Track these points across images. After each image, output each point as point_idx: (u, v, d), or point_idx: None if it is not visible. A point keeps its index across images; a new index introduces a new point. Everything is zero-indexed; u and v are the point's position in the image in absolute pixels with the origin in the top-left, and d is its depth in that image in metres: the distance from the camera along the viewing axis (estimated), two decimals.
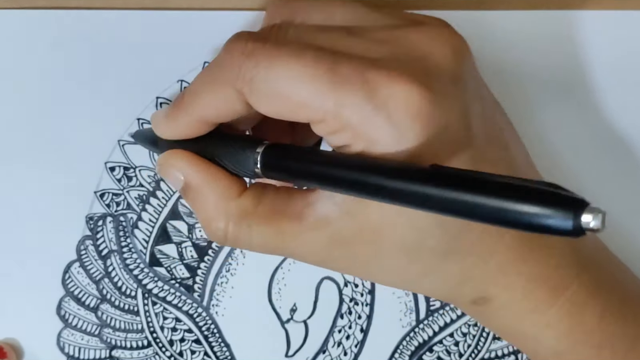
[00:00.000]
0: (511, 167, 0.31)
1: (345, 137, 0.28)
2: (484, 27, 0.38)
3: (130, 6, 0.37)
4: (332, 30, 0.29)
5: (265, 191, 0.31)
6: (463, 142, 0.28)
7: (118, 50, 0.37)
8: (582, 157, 0.39)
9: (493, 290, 0.31)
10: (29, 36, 0.37)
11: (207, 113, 0.30)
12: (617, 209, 0.38)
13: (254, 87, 0.28)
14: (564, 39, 0.38)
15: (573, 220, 0.22)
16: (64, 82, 0.37)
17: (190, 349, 0.39)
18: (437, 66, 0.28)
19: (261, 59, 0.28)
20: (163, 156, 0.32)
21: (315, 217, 0.29)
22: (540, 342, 0.32)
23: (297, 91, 0.27)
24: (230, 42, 0.29)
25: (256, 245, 0.31)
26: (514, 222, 0.23)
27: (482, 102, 0.30)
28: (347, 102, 0.27)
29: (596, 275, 0.32)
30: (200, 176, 0.31)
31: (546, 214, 0.23)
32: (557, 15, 0.38)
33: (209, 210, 0.31)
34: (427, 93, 0.27)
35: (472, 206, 0.24)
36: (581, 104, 0.38)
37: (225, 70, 0.29)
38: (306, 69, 0.27)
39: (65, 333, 0.38)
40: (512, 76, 0.38)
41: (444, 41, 0.29)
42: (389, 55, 0.28)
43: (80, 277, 0.38)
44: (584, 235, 0.22)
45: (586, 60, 0.38)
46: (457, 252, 0.29)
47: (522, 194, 0.23)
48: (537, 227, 0.23)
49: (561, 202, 0.23)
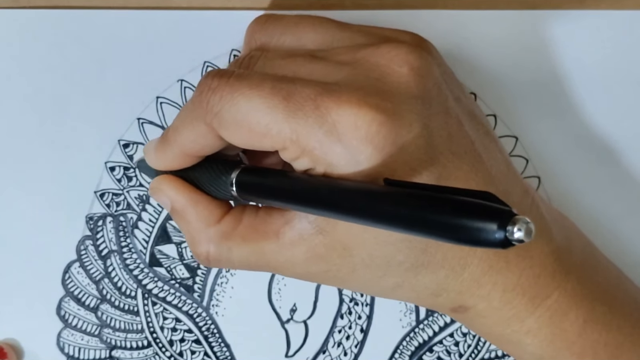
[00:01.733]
0: (484, 180, 0.31)
1: (307, 162, 0.29)
2: (482, 27, 0.38)
3: (130, 6, 0.37)
4: (297, 56, 0.31)
5: (245, 212, 0.33)
6: (424, 159, 0.29)
7: (118, 50, 0.37)
8: (579, 157, 0.39)
9: (469, 300, 0.32)
10: (28, 36, 0.37)
11: (189, 147, 0.32)
12: (607, 211, 0.38)
13: (221, 120, 0.30)
14: (562, 38, 0.38)
15: (497, 232, 0.22)
16: (64, 82, 0.37)
17: (190, 349, 0.39)
18: (393, 86, 0.29)
19: (225, 93, 0.29)
20: (154, 180, 0.34)
21: (292, 235, 0.31)
22: (523, 348, 0.33)
23: (257, 121, 0.29)
24: (200, 81, 0.31)
25: (238, 264, 0.33)
26: (443, 234, 0.24)
27: (447, 117, 0.31)
28: (300, 129, 0.28)
29: (581, 283, 0.33)
30: (183, 202, 0.33)
31: (472, 226, 0.23)
32: (556, 15, 0.38)
33: (192, 233, 0.33)
34: (377, 114, 0.28)
35: (408, 220, 0.25)
36: (578, 104, 0.38)
37: (196, 106, 0.30)
38: (264, 100, 0.29)
39: (65, 333, 0.38)
40: (509, 75, 0.38)
41: (402, 61, 0.30)
42: (347, 78, 0.29)
43: (80, 277, 0.38)
44: (511, 246, 0.22)
45: (584, 60, 0.38)
46: (428, 265, 0.30)
47: (448, 206, 0.24)
48: (464, 239, 0.23)
49: (486, 214, 0.23)
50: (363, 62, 0.30)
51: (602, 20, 0.38)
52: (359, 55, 0.30)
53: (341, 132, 0.28)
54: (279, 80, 0.29)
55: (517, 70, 0.38)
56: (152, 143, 0.34)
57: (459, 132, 0.31)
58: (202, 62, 0.37)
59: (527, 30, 0.38)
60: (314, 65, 0.31)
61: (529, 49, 0.38)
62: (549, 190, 0.39)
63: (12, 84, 0.37)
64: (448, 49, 0.37)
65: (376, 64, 0.30)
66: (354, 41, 0.32)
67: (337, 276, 0.31)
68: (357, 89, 0.29)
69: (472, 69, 0.38)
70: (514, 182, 0.33)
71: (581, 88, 0.38)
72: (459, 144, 0.30)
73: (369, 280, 0.31)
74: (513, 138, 0.38)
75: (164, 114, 0.37)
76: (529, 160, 0.38)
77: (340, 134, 0.28)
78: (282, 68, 0.31)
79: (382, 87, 0.29)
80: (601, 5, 0.38)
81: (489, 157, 0.32)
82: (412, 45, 0.31)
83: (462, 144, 0.30)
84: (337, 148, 0.28)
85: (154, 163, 0.34)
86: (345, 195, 0.27)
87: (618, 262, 0.36)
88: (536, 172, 0.39)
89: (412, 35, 0.33)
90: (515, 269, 0.31)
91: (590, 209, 0.39)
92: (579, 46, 0.38)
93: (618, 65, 0.38)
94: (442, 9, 0.37)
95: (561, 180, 0.39)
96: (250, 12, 0.36)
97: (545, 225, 0.32)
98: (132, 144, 0.38)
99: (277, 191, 0.30)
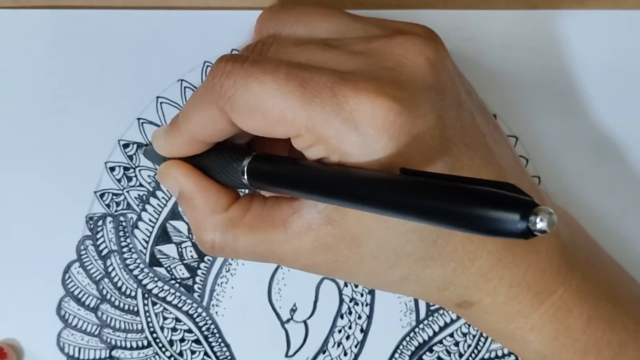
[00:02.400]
0: (496, 172, 0.31)
1: (321, 150, 0.29)
2: (482, 27, 0.37)
3: (130, 6, 0.37)
4: (311, 44, 0.31)
5: (253, 201, 0.33)
6: (438, 150, 0.29)
7: (118, 49, 0.37)
8: (579, 157, 0.39)
9: (476, 295, 0.31)
10: (28, 36, 0.36)
11: (199, 133, 0.32)
12: (607, 210, 0.38)
13: (234, 104, 0.29)
14: (563, 38, 0.38)
15: (519, 222, 0.22)
16: (64, 82, 0.37)
17: (190, 349, 0.39)
18: (409, 76, 0.29)
19: (239, 78, 0.29)
20: (163, 165, 0.34)
21: (299, 225, 0.31)
22: (526, 345, 0.33)
23: (272, 107, 0.29)
24: (213, 65, 0.30)
25: (243, 253, 0.32)
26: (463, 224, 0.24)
27: (460, 110, 0.31)
28: (317, 116, 0.28)
29: (585, 280, 0.33)
30: (192, 187, 0.33)
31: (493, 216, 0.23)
32: (557, 15, 0.38)
33: (199, 220, 0.33)
34: (393, 104, 0.28)
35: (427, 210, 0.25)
36: (579, 104, 0.38)
37: (209, 91, 0.30)
38: (279, 86, 0.28)
39: (65, 333, 0.38)
40: (509, 75, 0.38)
41: (418, 52, 0.30)
42: (362, 67, 0.29)
43: (80, 277, 0.38)
44: (533, 237, 0.22)
45: (585, 60, 0.38)
46: (437, 258, 0.30)
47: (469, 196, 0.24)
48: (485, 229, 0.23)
49: (508, 204, 0.23)
50: (378, 52, 0.30)
51: (603, 20, 0.38)
52: (374, 45, 0.30)
53: (358, 121, 0.28)
54: (295, 67, 0.29)
55: (517, 70, 0.38)
56: (160, 129, 0.34)
57: (472, 125, 0.31)
58: (202, 61, 0.37)
59: (528, 30, 0.38)
60: (328, 54, 0.30)
61: (529, 49, 0.38)
62: (549, 190, 0.39)
63: (12, 84, 0.37)
64: (449, 49, 0.37)
65: (391, 54, 0.30)
66: (368, 32, 0.32)
67: (343, 267, 0.31)
68: (374, 78, 0.29)
69: (472, 68, 0.38)
70: (522, 176, 0.33)
71: (582, 88, 0.38)
72: (472, 136, 0.31)
73: (375, 272, 0.31)
74: (513, 138, 0.38)
75: (164, 114, 0.37)
76: (529, 159, 0.38)
77: (357, 122, 0.28)
78: (296, 55, 0.31)
79: (398, 77, 0.29)
80: (602, 5, 0.38)
81: (499, 151, 0.32)
82: (426, 38, 0.31)
83: (474, 136, 0.31)
84: (353, 137, 0.28)
85: (162, 149, 0.33)
86: (362, 184, 0.27)
87: (621, 261, 0.37)
88: (536, 171, 0.39)
89: (425, 28, 0.32)
90: (522, 263, 0.31)
91: (591, 209, 0.39)
92: (579, 46, 0.38)
93: (619, 65, 0.38)
94: (443, 9, 0.37)
95: (561, 180, 0.39)
96: (251, 12, 0.36)
97: None
98: (132, 144, 0.37)
99: (291, 179, 0.30)
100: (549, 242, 0.32)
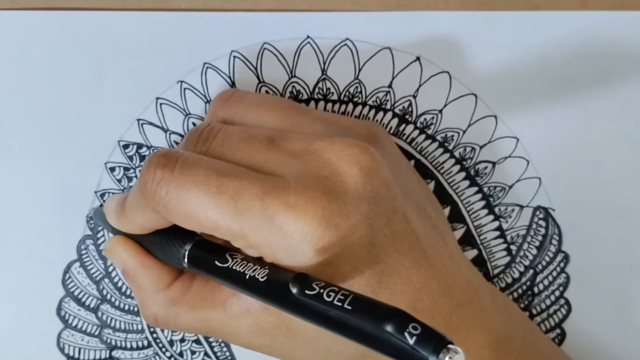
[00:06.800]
0: (426, 275, 0.31)
1: (255, 253, 0.30)
2: (483, 28, 0.37)
3: (130, 7, 0.37)
4: (255, 141, 0.32)
5: (195, 279, 0.34)
6: (366, 258, 0.30)
7: (118, 51, 0.37)
8: (579, 157, 0.39)
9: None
10: (27, 37, 0.36)
11: (142, 224, 0.33)
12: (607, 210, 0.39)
13: (169, 211, 0.30)
14: (563, 39, 0.38)
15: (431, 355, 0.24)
16: (64, 83, 0.37)
17: (190, 349, 0.39)
18: (341, 187, 0.30)
19: (171, 187, 0.30)
20: (108, 242, 0.35)
21: (238, 308, 0.32)
22: None
23: (205, 217, 0.30)
24: (143, 169, 0.31)
25: (185, 328, 0.34)
26: (371, 345, 0.26)
27: (393, 215, 0.31)
28: (248, 228, 0.29)
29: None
30: (135, 266, 0.34)
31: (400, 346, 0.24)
32: (557, 16, 0.38)
33: (142, 297, 0.34)
34: (322, 220, 0.29)
35: (333, 324, 0.27)
36: (579, 104, 0.38)
37: (142, 196, 0.31)
38: (211, 199, 0.30)
39: (65, 334, 0.38)
40: (509, 76, 0.38)
41: (354, 161, 0.31)
42: (298, 172, 0.30)
43: (80, 278, 0.38)
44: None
45: (585, 61, 0.38)
46: (367, 356, 0.30)
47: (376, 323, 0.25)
48: (395, 355, 0.25)
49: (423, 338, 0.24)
50: (316, 157, 0.31)
51: (604, 21, 0.38)
52: (313, 147, 0.31)
53: (287, 235, 0.29)
54: (226, 176, 0.30)
55: (517, 70, 0.38)
56: (112, 203, 0.34)
57: (404, 230, 0.31)
58: (202, 63, 0.37)
59: (529, 31, 0.38)
60: (270, 154, 0.31)
61: (530, 50, 0.38)
62: (549, 191, 0.39)
63: (12, 84, 0.37)
64: (449, 50, 0.37)
65: (328, 161, 0.30)
66: (312, 129, 0.33)
67: (279, 352, 0.32)
68: (306, 189, 0.29)
69: (473, 69, 0.38)
70: (458, 274, 0.33)
71: (582, 88, 0.38)
72: (403, 241, 0.31)
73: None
74: (514, 139, 0.38)
75: (164, 115, 0.37)
76: (529, 161, 0.38)
77: (287, 236, 0.29)
78: (240, 151, 0.32)
79: (331, 187, 0.30)
80: (603, 6, 0.38)
81: (434, 252, 0.32)
82: (365, 144, 0.31)
83: (406, 241, 0.31)
84: (282, 248, 0.29)
85: (114, 224, 0.34)
86: (285, 292, 0.28)
87: (620, 262, 0.37)
88: (537, 173, 0.39)
89: (369, 129, 0.34)
90: None
91: (591, 209, 0.39)
92: (580, 47, 0.38)
93: (619, 65, 0.38)
94: (444, 10, 0.37)
95: (561, 180, 0.39)
96: (250, 13, 0.36)
97: (485, 316, 0.33)
98: (131, 144, 0.37)
99: (224, 273, 0.30)
100: (479, 338, 0.32)
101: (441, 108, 0.38)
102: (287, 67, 0.37)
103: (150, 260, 0.34)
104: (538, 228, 0.39)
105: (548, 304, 0.39)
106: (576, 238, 0.39)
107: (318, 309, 0.27)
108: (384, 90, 0.38)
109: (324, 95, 0.37)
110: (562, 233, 0.39)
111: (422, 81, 0.38)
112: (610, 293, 0.39)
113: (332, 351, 0.31)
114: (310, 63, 0.37)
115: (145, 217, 0.32)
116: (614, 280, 0.39)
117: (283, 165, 0.31)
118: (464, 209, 0.39)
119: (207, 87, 0.37)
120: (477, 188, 0.39)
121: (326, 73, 0.37)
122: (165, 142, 0.37)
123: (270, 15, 0.37)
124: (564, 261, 0.39)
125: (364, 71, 0.37)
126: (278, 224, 0.29)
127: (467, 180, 0.39)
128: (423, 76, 0.38)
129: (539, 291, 0.39)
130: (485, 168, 0.38)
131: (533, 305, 0.39)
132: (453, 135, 0.38)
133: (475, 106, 0.38)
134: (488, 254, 0.39)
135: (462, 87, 0.38)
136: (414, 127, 0.38)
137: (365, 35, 0.37)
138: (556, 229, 0.39)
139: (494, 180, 0.39)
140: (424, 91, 0.38)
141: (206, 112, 0.37)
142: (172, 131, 0.37)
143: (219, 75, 0.37)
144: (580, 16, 0.38)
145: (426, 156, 0.38)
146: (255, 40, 0.37)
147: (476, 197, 0.39)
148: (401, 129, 0.38)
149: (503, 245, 0.39)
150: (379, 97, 0.38)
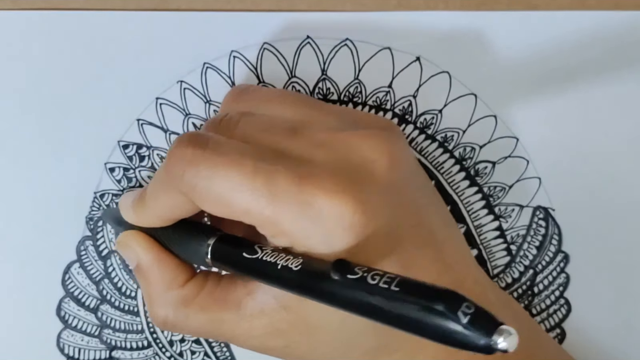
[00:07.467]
0: (439, 270, 0.31)
1: (286, 241, 0.29)
2: (483, 28, 0.37)
3: (130, 7, 0.37)
4: (277, 128, 0.31)
5: (208, 279, 0.33)
6: (391, 247, 0.30)
7: (118, 51, 0.37)
8: (579, 157, 0.39)
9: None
10: (28, 37, 0.36)
11: (164, 212, 0.32)
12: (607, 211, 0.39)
13: (198, 193, 0.29)
14: (563, 39, 0.38)
15: (483, 339, 0.23)
16: (64, 83, 0.37)
17: (190, 349, 0.39)
18: (372, 175, 0.30)
19: (202, 168, 0.29)
20: (122, 235, 0.34)
21: (253, 307, 0.31)
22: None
23: (237, 200, 0.28)
24: (172, 148, 0.30)
25: (194, 331, 0.33)
26: (417, 330, 0.24)
27: (414, 208, 0.31)
28: (283, 213, 0.28)
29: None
30: (150, 261, 0.33)
31: (457, 331, 0.23)
32: (557, 16, 0.38)
33: (153, 295, 0.33)
34: (358, 206, 0.28)
35: (374, 310, 0.25)
36: (579, 104, 0.38)
37: (170, 177, 0.30)
38: (245, 181, 0.28)
39: (65, 334, 0.38)
40: (509, 76, 0.38)
41: (382, 150, 0.30)
42: (326, 160, 0.29)
43: (80, 278, 0.38)
44: (492, 353, 0.23)
45: (586, 61, 0.38)
46: (385, 349, 0.30)
47: (419, 304, 0.24)
48: (443, 340, 0.24)
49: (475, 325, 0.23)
50: (342, 145, 0.30)
51: (604, 21, 0.38)
52: (340, 136, 0.30)
53: (326, 221, 0.28)
54: (261, 159, 0.29)
55: (517, 70, 0.38)
56: (128, 198, 0.34)
57: (421, 223, 0.31)
58: (202, 63, 0.37)
59: (529, 31, 0.38)
60: (294, 142, 0.30)
61: (530, 50, 0.38)
62: (549, 191, 0.39)
63: (12, 84, 0.37)
64: (449, 50, 0.37)
65: (357, 149, 0.30)
66: (331, 123, 0.32)
67: (294, 353, 0.31)
68: (338, 175, 0.29)
69: (472, 69, 0.38)
70: (467, 271, 0.33)
71: (582, 88, 0.38)
72: (421, 233, 0.31)
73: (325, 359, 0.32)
74: (514, 139, 0.38)
75: (164, 115, 0.37)
76: (529, 161, 0.38)
77: (325, 222, 0.28)
78: (264, 139, 0.30)
79: (361, 175, 0.29)
80: (602, 6, 0.38)
81: (447, 247, 0.32)
82: (389, 133, 0.31)
83: (423, 233, 0.31)
84: (319, 234, 0.28)
85: (129, 219, 0.34)
86: (322, 279, 0.27)
87: (620, 262, 0.36)
88: (537, 173, 0.39)
89: (385, 120, 0.34)
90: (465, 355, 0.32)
91: (591, 209, 0.39)
92: (580, 47, 0.38)
93: (619, 65, 0.38)
94: (444, 10, 0.37)
95: (561, 181, 0.39)
96: (251, 13, 0.36)
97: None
98: (131, 144, 0.37)
99: (253, 267, 0.29)
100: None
101: (441, 108, 0.38)
102: (287, 67, 0.37)
103: (168, 256, 0.33)
104: (538, 228, 0.39)
105: (548, 303, 0.39)
106: (576, 238, 0.39)
107: (359, 296, 0.26)
108: (384, 90, 0.38)
109: (324, 95, 0.37)
110: (562, 233, 0.39)
111: (422, 81, 0.38)
112: (610, 293, 0.39)
113: (351, 346, 0.30)
114: (310, 63, 0.37)
115: (168, 203, 0.31)
116: (614, 280, 0.39)
117: (310, 152, 0.30)
118: (464, 208, 0.39)
119: (207, 87, 0.37)
120: (477, 188, 0.39)
121: (326, 73, 0.37)
122: (165, 142, 0.37)
123: (270, 15, 0.37)
124: (564, 261, 0.39)
125: (364, 71, 0.37)
126: (317, 208, 0.28)
127: (467, 180, 0.39)
128: (423, 76, 0.38)
129: (539, 291, 0.39)
130: (485, 168, 0.39)
131: (533, 305, 0.39)
132: (453, 135, 0.38)
133: (475, 106, 0.38)
134: (488, 254, 0.39)
135: (462, 87, 0.38)
136: (414, 127, 0.38)
137: (365, 35, 0.37)
138: (556, 229, 0.39)
139: (494, 180, 0.39)
140: (424, 91, 0.38)
141: (206, 112, 0.37)
142: (172, 131, 0.37)
143: (219, 75, 0.37)
144: (579, 16, 0.38)
145: (426, 156, 0.38)
146: (255, 40, 0.37)
147: (476, 197, 0.39)
148: (401, 129, 0.38)
149: (503, 245, 0.39)
150: (379, 97, 0.38)
